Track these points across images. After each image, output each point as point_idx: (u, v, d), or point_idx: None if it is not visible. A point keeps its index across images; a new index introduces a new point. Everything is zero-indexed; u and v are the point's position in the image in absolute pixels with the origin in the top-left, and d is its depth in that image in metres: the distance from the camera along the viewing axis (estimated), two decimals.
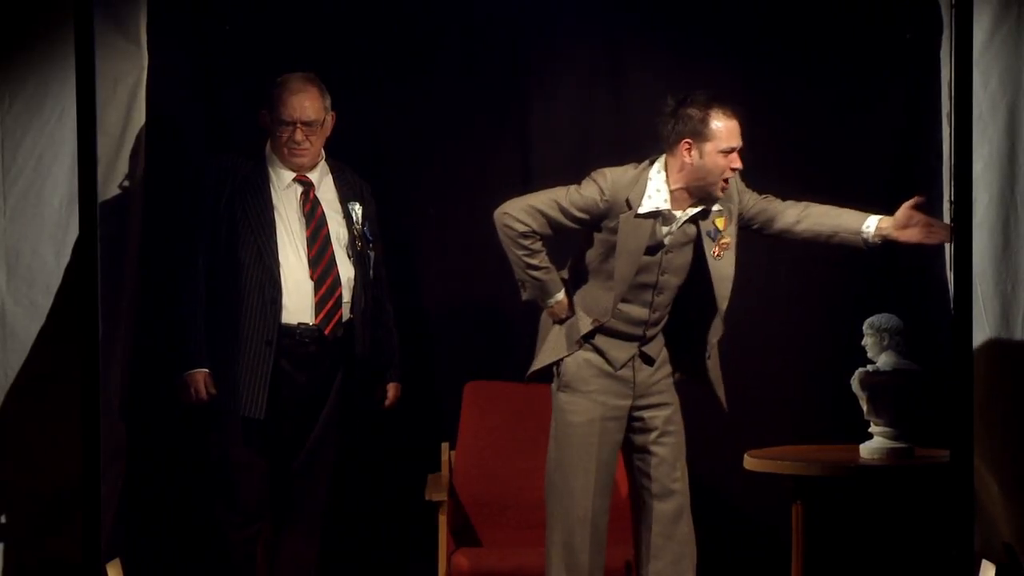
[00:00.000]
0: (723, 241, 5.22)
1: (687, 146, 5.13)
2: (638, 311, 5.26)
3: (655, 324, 5.29)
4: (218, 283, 5.52)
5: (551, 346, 5.33)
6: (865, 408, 5.43)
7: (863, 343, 5.46)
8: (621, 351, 5.28)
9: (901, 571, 5.60)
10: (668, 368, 5.35)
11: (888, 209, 5.98)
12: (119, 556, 5.35)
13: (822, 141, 6.06)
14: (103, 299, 4.42)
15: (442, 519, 5.73)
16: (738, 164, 5.13)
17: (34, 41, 5.12)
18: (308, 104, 5.54)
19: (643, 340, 5.29)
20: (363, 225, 5.64)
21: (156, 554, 5.82)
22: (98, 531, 4.44)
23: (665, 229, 5.20)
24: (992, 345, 5.11)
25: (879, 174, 6.03)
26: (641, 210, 5.16)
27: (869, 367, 5.43)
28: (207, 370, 5.51)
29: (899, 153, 5.98)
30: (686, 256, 5.24)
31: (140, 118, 5.47)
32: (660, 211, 5.16)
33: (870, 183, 6.03)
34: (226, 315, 5.50)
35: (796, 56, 6.01)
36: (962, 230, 4.32)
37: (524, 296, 5.33)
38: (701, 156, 5.12)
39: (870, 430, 5.45)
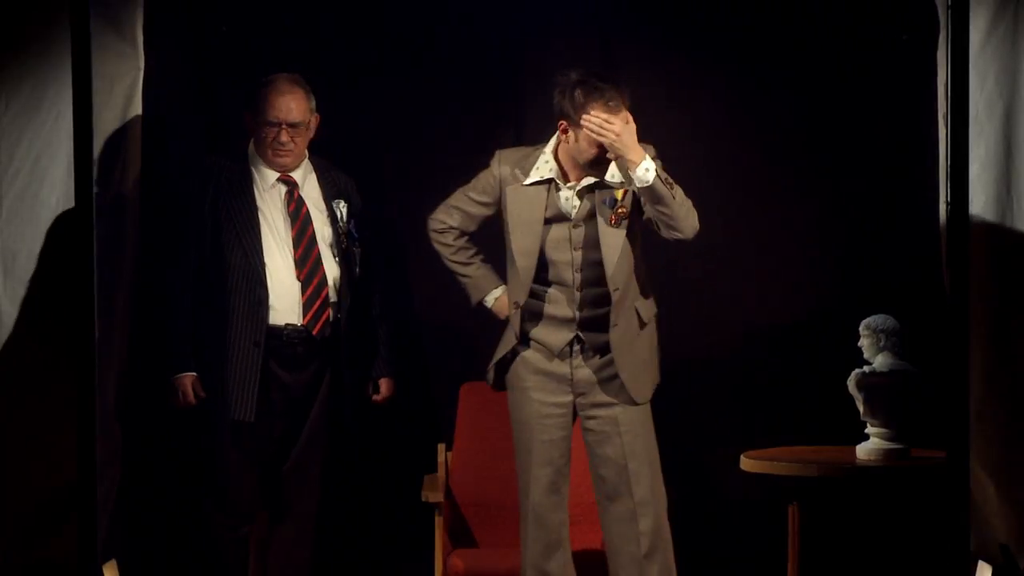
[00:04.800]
0: (620, 210, 5.22)
1: (563, 127, 5.21)
2: (564, 291, 5.28)
3: (587, 305, 5.27)
4: (205, 286, 5.52)
5: (497, 348, 5.41)
6: (861, 409, 5.43)
7: (859, 344, 5.46)
8: (556, 336, 5.31)
9: (897, 572, 5.59)
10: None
11: (885, 210, 6.01)
12: (115, 557, 5.34)
13: (818, 141, 6.05)
14: (99, 301, 4.41)
15: (439, 520, 5.73)
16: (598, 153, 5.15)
17: (31, 43, 5.11)
18: (294, 106, 5.54)
19: (579, 323, 5.28)
20: (348, 223, 5.64)
21: (151, 555, 5.81)
22: (94, 533, 4.45)
23: (564, 198, 5.24)
24: (988, 345, 5.11)
25: (875, 175, 6.02)
26: (527, 181, 5.25)
27: (865, 368, 5.42)
28: (194, 374, 5.51)
29: (895, 154, 5.97)
30: (597, 230, 5.25)
31: (136, 119, 5.46)
32: (546, 180, 5.23)
33: (866, 183, 6.03)
34: (214, 318, 5.50)
35: (791, 57, 6.00)
36: (958, 231, 4.32)
37: (471, 301, 5.42)
38: (576, 139, 5.19)
39: (866, 431, 5.44)
